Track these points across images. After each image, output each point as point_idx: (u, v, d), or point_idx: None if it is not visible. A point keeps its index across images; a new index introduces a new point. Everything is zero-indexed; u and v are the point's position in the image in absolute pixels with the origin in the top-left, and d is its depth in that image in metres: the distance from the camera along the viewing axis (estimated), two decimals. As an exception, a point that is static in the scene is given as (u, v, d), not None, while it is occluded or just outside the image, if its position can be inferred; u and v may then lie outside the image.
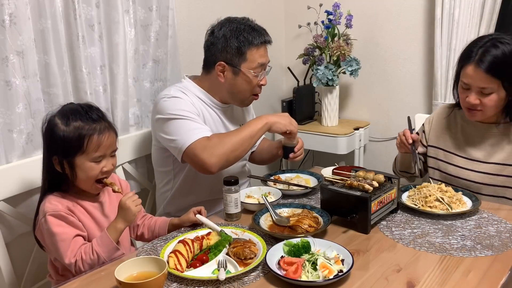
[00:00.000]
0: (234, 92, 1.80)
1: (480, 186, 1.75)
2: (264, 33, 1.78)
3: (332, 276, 1.18)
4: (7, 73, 1.62)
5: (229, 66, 1.75)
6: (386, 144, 2.96)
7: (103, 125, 1.41)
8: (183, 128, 1.67)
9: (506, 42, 1.59)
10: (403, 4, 2.71)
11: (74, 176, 1.39)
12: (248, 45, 1.73)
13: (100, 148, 1.38)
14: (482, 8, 2.39)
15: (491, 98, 1.61)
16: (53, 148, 1.38)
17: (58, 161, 1.38)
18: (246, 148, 1.69)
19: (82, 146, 1.36)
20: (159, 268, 1.16)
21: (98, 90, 1.93)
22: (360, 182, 1.49)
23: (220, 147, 1.62)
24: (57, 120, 1.38)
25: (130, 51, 2.04)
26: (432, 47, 2.59)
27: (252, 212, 1.55)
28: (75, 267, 1.33)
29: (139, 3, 2.05)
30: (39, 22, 1.71)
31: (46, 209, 1.36)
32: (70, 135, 1.36)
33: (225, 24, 1.77)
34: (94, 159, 1.39)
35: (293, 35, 3.10)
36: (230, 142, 1.64)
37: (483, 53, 1.59)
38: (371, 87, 2.94)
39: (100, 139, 1.38)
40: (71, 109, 1.41)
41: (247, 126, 1.71)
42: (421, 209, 1.57)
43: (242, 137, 1.66)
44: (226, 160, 1.66)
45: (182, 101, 1.73)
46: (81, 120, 1.37)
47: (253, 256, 1.29)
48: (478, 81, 1.60)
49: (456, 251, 1.33)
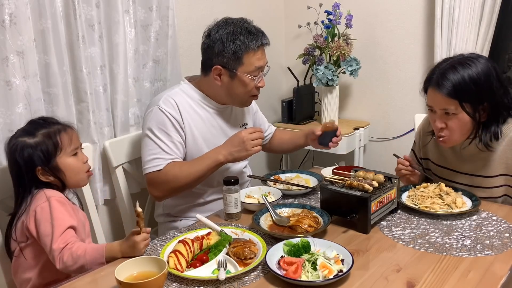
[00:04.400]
0: (232, 94, 1.79)
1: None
2: (261, 36, 1.75)
3: (332, 276, 1.18)
4: (7, 73, 1.62)
5: (226, 70, 1.73)
6: (386, 144, 2.96)
7: (61, 124, 1.50)
8: (148, 151, 1.73)
9: (467, 66, 1.54)
10: (403, 4, 2.71)
11: (64, 178, 1.46)
12: (245, 49, 1.70)
13: (72, 141, 1.48)
14: (482, 8, 2.39)
15: (455, 121, 1.57)
16: (31, 162, 1.41)
17: (42, 171, 1.43)
18: (195, 185, 1.75)
19: (58, 144, 1.44)
20: (159, 268, 1.16)
21: (98, 90, 1.93)
22: (360, 182, 1.49)
23: (168, 184, 1.70)
24: (20, 140, 1.43)
25: (130, 51, 2.04)
26: (432, 47, 2.59)
27: (252, 212, 1.55)
28: (59, 253, 1.32)
29: (139, 3, 2.05)
30: (39, 22, 1.71)
31: (50, 194, 1.41)
32: (42, 140, 1.43)
33: (222, 26, 1.74)
34: (72, 153, 1.47)
35: (293, 35, 3.10)
36: (178, 181, 1.70)
37: (442, 76, 1.56)
38: (371, 87, 2.94)
39: (68, 134, 1.48)
40: (28, 125, 1.49)
41: (202, 163, 1.70)
42: (421, 209, 1.57)
43: (192, 175, 1.69)
44: (171, 195, 1.78)
45: (164, 117, 1.73)
46: (43, 127, 1.46)
47: (253, 256, 1.29)
48: (438, 103, 1.58)
49: (456, 251, 1.33)
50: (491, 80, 1.54)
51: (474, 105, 1.55)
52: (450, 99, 1.54)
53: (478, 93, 1.53)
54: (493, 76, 1.55)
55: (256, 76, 1.75)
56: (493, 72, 1.55)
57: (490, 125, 1.59)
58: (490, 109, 1.57)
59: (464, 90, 1.53)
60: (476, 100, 1.54)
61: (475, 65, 1.54)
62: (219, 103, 1.85)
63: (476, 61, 1.56)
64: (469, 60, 1.56)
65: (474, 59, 1.57)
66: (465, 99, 1.53)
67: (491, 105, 1.56)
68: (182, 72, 2.30)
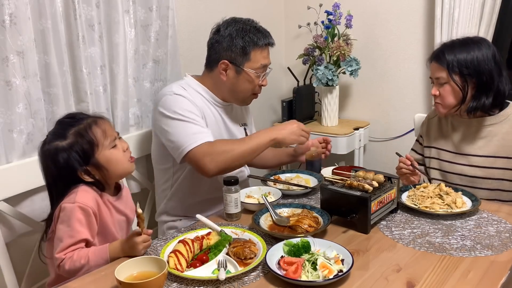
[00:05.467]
0: (236, 91, 1.82)
1: (474, 180, 1.79)
2: (268, 35, 1.82)
3: (332, 276, 1.18)
4: (7, 73, 1.62)
5: (232, 65, 1.77)
6: (386, 144, 2.96)
7: (91, 118, 1.43)
8: (185, 131, 1.68)
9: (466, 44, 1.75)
10: (403, 4, 2.71)
11: (107, 173, 1.40)
12: (253, 45, 1.76)
13: (106, 133, 1.40)
14: (482, 8, 2.39)
15: (446, 88, 1.75)
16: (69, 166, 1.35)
17: (84, 171, 1.37)
18: (247, 160, 1.71)
19: (92, 141, 1.37)
20: (159, 268, 1.16)
21: (98, 90, 1.93)
22: (360, 182, 1.49)
23: (223, 155, 1.64)
24: (52, 144, 1.36)
25: (130, 51, 2.04)
26: (432, 47, 2.59)
27: (252, 212, 1.55)
28: (62, 262, 1.31)
29: (139, 3, 2.05)
30: (39, 22, 1.71)
31: (79, 198, 1.34)
32: (75, 140, 1.36)
33: (231, 23, 1.79)
34: (110, 146, 1.40)
35: (293, 35, 3.10)
36: (233, 152, 1.65)
37: (440, 50, 1.79)
38: (371, 87, 2.94)
39: (100, 126, 1.40)
40: (57, 126, 1.42)
41: (254, 137, 1.70)
42: (421, 209, 1.57)
43: (246, 148, 1.67)
44: (225, 169, 1.69)
45: (186, 101, 1.74)
46: (72, 126, 1.38)
47: (253, 256, 1.29)
48: (433, 72, 1.80)
49: (456, 251, 1.33)
50: (486, 61, 1.71)
51: (463, 77, 1.72)
52: (441, 68, 1.75)
53: (468, 68, 1.71)
54: (488, 59, 1.71)
55: (261, 73, 1.79)
56: (490, 56, 1.72)
57: (480, 97, 1.74)
58: (479, 86, 1.73)
59: (457, 62, 1.72)
60: (466, 74, 1.72)
61: (475, 46, 1.73)
62: (221, 100, 1.87)
63: (478, 43, 1.75)
64: (470, 41, 1.77)
65: (476, 42, 1.76)
66: (453, 70, 1.72)
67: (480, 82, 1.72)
68: (182, 72, 2.30)
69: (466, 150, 1.81)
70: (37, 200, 1.77)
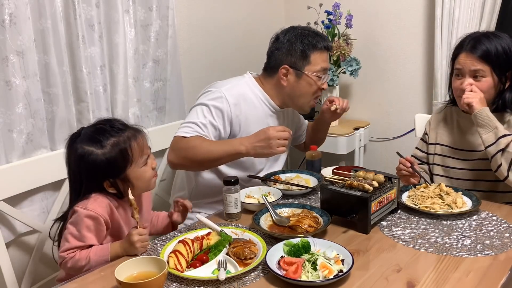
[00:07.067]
0: (296, 95, 1.83)
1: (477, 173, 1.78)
2: (326, 39, 1.85)
3: (332, 276, 1.18)
4: (7, 73, 1.62)
5: (293, 70, 1.79)
6: (386, 144, 2.96)
7: (131, 130, 1.40)
8: (188, 119, 1.73)
9: (498, 37, 1.69)
10: (403, 4, 2.71)
11: (132, 187, 1.38)
12: (312, 48, 1.78)
13: (143, 151, 1.39)
14: (482, 8, 2.39)
15: (483, 82, 1.67)
16: (97, 175, 1.35)
17: (110, 184, 1.36)
18: (209, 166, 1.74)
19: (129, 158, 1.36)
20: (159, 268, 1.16)
21: (98, 90, 1.93)
22: (360, 182, 1.49)
23: (188, 152, 1.65)
24: (88, 148, 1.33)
25: (130, 51, 2.04)
26: (432, 47, 2.59)
27: (252, 212, 1.55)
28: (63, 261, 1.32)
29: (139, 3, 2.06)
30: (39, 22, 1.71)
31: (89, 206, 1.33)
32: (112, 154, 1.34)
33: (289, 30, 1.83)
34: (143, 163, 1.40)
35: (293, 35, 3.10)
36: (195, 152, 1.65)
37: (475, 42, 1.69)
38: (371, 87, 2.94)
39: (139, 143, 1.39)
40: (95, 130, 1.37)
41: (223, 146, 1.66)
42: (421, 209, 1.57)
43: (209, 154, 1.64)
44: (186, 166, 1.74)
45: (220, 101, 1.74)
46: (112, 136, 1.35)
47: (253, 256, 1.29)
48: (470, 65, 1.68)
49: (456, 251, 1.33)
50: None
51: (501, 71, 1.67)
52: (482, 62, 1.66)
53: (507, 61, 1.66)
54: None
55: (322, 75, 1.81)
56: None
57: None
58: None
59: (496, 56, 1.65)
60: (504, 67, 1.67)
61: (504, 38, 1.69)
62: (277, 106, 1.88)
63: (504, 35, 1.71)
64: (498, 33, 1.72)
65: (502, 34, 1.72)
66: (495, 64, 1.66)
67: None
68: (182, 72, 2.30)
69: (470, 145, 1.80)
70: (37, 200, 1.77)
